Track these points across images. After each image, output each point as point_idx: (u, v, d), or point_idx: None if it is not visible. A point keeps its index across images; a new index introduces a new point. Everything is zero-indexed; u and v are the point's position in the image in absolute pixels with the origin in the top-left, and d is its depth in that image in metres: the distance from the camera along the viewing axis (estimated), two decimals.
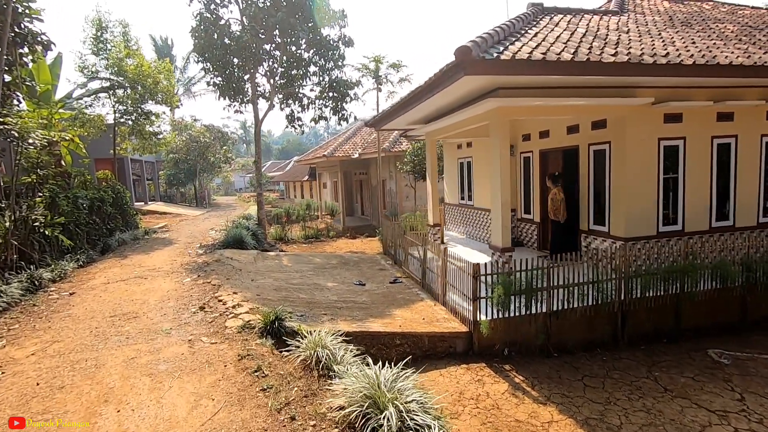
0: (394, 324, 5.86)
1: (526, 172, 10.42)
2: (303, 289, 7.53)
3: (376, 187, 23.20)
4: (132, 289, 7.27)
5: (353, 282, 8.36)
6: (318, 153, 24.62)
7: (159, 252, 11.05)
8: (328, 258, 10.92)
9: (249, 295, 6.49)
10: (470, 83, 6.11)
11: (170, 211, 24.17)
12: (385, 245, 11.66)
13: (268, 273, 8.68)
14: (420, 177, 18.02)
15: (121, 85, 15.74)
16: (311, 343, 4.06)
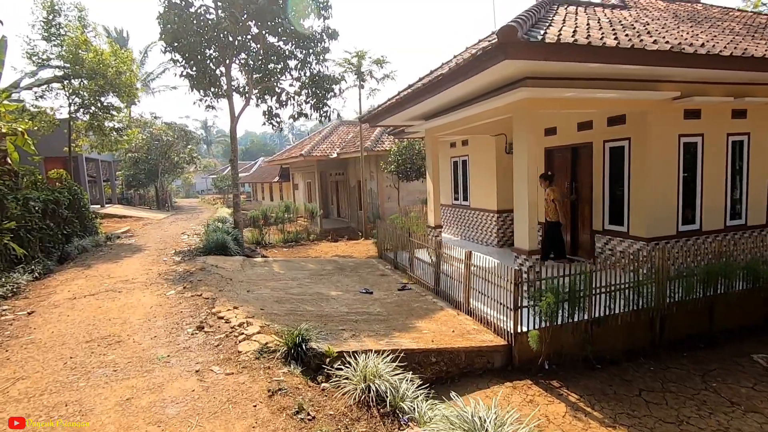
0: (425, 338, 5.20)
1: None
2: (307, 300, 6.72)
3: (354, 188, 22.45)
4: (106, 305, 6.19)
5: (359, 290, 7.62)
6: (293, 153, 23.55)
7: (129, 260, 9.82)
8: (321, 264, 10.09)
9: (252, 310, 5.63)
10: (502, 70, 5.56)
11: (131, 215, 22.32)
12: (381, 248, 10.97)
13: (262, 282, 7.78)
14: (404, 177, 17.48)
15: (78, 75, 14.17)
16: (362, 373, 3.33)
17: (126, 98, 15.02)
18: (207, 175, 68.45)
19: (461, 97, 7.52)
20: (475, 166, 11.41)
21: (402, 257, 9.35)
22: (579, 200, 8.73)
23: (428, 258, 7.78)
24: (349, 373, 3.43)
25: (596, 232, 8.16)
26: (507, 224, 10.55)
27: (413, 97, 7.61)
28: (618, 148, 7.56)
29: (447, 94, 7.17)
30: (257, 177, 41.88)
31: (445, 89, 6.64)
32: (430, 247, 7.62)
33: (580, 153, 8.58)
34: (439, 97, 7.39)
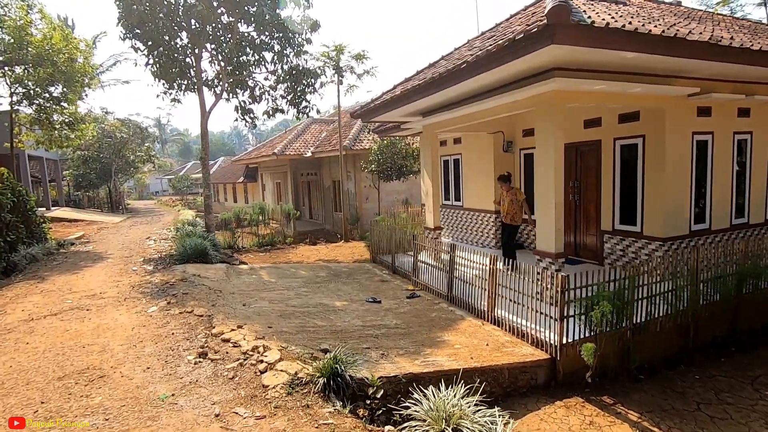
0: (461, 355, 4.65)
1: (529, 171, 9.76)
2: (313, 314, 5.98)
3: (329, 189, 21.62)
4: (75, 327, 5.18)
5: (364, 299, 6.95)
6: (263, 151, 22.36)
7: (91, 270, 8.61)
8: (313, 270, 9.31)
9: (258, 329, 4.85)
10: (534, 59, 5.09)
11: (82, 218, 20.31)
12: (374, 252, 10.32)
13: (256, 293, 6.94)
14: (385, 177, 16.90)
15: (22, 61, 12.52)
16: (440, 412, 2.71)
17: (80, 89, 13.47)
18: (162, 176, 64.84)
19: (473, 90, 7.03)
20: (469, 165, 11.02)
21: (401, 261, 8.76)
22: (581, 201, 8.51)
23: (438, 262, 7.25)
24: (421, 411, 2.80)
25: (605, 232, 7.94)
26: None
27: (423, 89, 7.04)
28: (630, 146, 7.36)
29: (460, 87, 6.64)
30: (219, 177, 39.87)
31: (464, 80, 6.10)
32: (441, 251, 7.08)
33: (585, 151, 8.35)
34: (451, 90, 6.86)
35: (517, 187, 7.98)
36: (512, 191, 7.95)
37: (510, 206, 7.91)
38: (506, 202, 7.94)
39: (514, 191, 7.96)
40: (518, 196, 7.93)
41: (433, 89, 6.92)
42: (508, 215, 7.95)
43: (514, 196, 7.91)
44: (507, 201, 7.93)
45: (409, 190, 20.12)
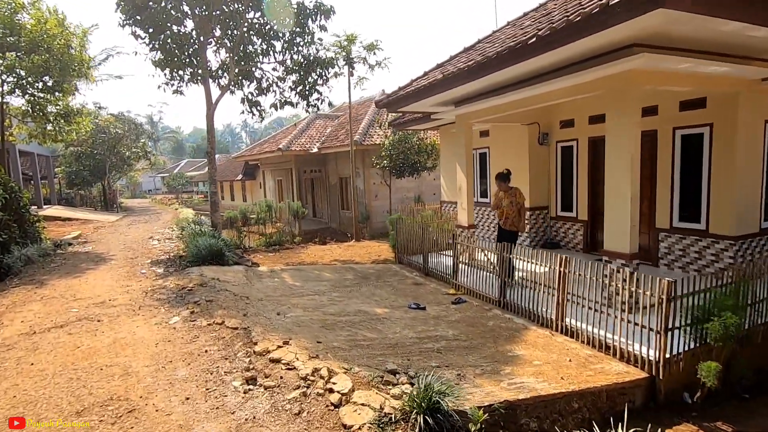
0: (547, 374, 3.97)
1: (566, 164, 9.13)
2: (357, 323, 5.27)
3: (335, 186, 20.88)
4: (87, 343, 4.42)
5: (407, 305, 6.25)
6: (266, 147, 21.54)
7: (94, 273, 7.80)
8: (337, 272, 8.59)
9: (307, 344, 4.13)
10: (621, 31, 4.42)
11: (76, 217, 19.36)
12: (400, 252, 9.60)
13: (285, 299, 6.20)
14: (398, 174, 16.19)
15: (14, 47, 11.61)
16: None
17: (76, 78, 12.58)
18: (155, 174, 63.60)
19: (522, 75, 6.34)
20: (498, 159, 10.35)
21: (435, 262, 8.06)
22: None
23: (486, 264, 6.56)
24: None
25: (661, 230, 7.31)
26: (539, 222, 9.58)
27: (470, 73, 6.32)
28: (694, 136, 6.72)
29: (512, 70, 5.97)
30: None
31: (526, 59, 5.41)
32: (491, 251, 6.39)
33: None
34: (501, 74, 6.18)
35: (517, 188, 6.94)
36: (512, 192, 6.88)
37: (509, 209, 6.85)
38: (505, 205, 6.88)
39: (513, 192, 6.88)
40: (518, 198, 6.86)
41: (483, 72, 6.22)
42: (507, 220, 6.86)
43: (513, 197, 6.84)
44: (506, 203, 6.86)
45: (418, 187, 19.46)
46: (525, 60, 5.37)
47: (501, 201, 6.95)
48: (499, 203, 6.98)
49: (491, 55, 5.68)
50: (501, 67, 5.93)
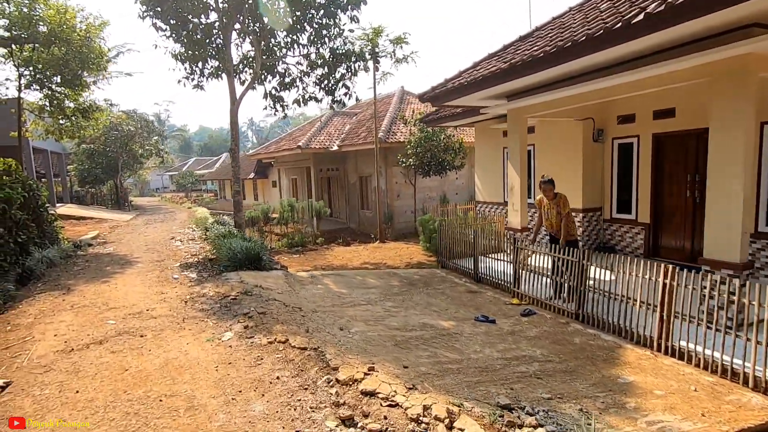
0: (682, 409, 3.36)
1: (624, 163, 8.50)
2: (428, 339, 4.68)
3: (354, 185, 20.29)
4: (135, 364, 3.85)
5: (474, 318, 5.66)
6: (283, 145, 20.99)
7: (122, 278, 7.26)
8: (381, 278, 8.00)
9: (395, 370, 3.54)
10: (746, 8, 3.81)
11: (90, 216, 18.90)
12: (443, 256, 8.99)
13: (339, 310, 5.63)
14: (424, 173, 15.57)
15: (32, 39, 11.09)
16: None
17: (96, 72, 12.07)
18: (163, 172, 63.39)
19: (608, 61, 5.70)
20: (545, 157, 9.72)
21: (489, 268, 7.44)
22: (703, 198, 7.23)
23: (555, 271, 5.95)
24: None
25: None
26: (593, 225, 8.95)
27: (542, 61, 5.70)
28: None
29: (593, 58, 5.35)
30: (225, 173, 38.39)
31: (616, 45, 4.80)
32: (569, 258, 5.75)
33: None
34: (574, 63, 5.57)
35: (563, 195, 6.32)
36: (556, 200, 6.24)
37: (557, 220, 6.27)
38: (552, 215, 6.29)
39: (559, 200, 6.24)
40: (563, 208, 6.20)
41: (558, 61, 5.60)
42: (560, 232, 6.23)
43: (558, 206, 6.23)
44: (553, 213, 6.28)
45: (440, 187, 18.86)
46: (621, 44, 4.75)
47: (547, 209, 6.30)
48: (544, 212, 6.34)
49: (579, 39, 5.05)
50: (582, 54, 5.31)
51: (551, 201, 6.25)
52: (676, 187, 7.61)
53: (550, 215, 6.32)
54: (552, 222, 6.31)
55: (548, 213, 6.34)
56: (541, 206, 6.35)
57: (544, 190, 6.30)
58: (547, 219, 6.36)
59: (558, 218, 6.17)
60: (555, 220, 6.26)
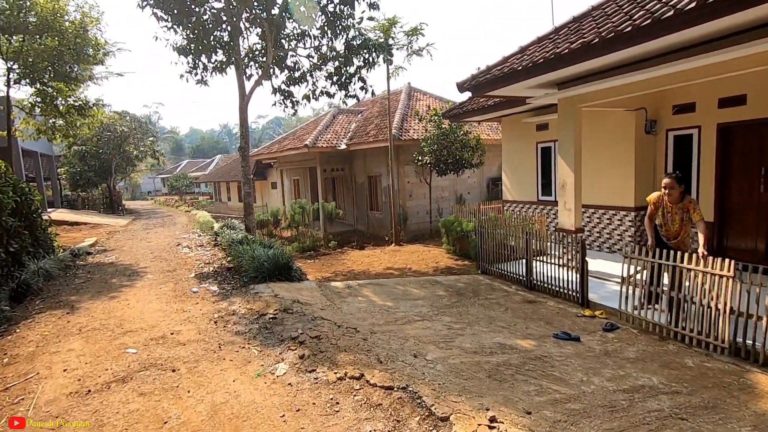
0: None
1: (680, 157, 7.81)
2: (518, 366, 3.90)
3: (363, 185, 19.48)
4: (174, 412, 3.01)
5: (552, 335, 4.89)
6: (288, 144, 20.10)
7: (132, 292, 6.38)
8: (423, 287, 7.20)
9: (516, 416, 2.76)
10: None
11: (83, 221, 17.85)
12: (484, 261, 8.22)
13: (396, 328, 4.83)
14: (441, 171, 14.80)
15: (21, 29, 10.13)
16: None
17: (92, 64, 11.13)
18: (155, 175, 62.04)
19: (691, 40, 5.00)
20: (590, 151, 9.00)
21: (542, 274, 6.68)
22: None
23: (640, 279, 5.20)
24: None
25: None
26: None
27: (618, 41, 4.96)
28: None
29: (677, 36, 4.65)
30: (220, 176, 37.35)
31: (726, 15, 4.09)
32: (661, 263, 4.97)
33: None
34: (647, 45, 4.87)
35: (692, 197, 5.21)
36: (685, 203, 5.06)
37: (681, 226, 5.13)
38: (675, 221, 5.13)
39: (687, 204, 5.05)
40: (693, 214, 4.99)
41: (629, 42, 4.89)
42: (674, 237, 5.17)
43: (684, 211, 5.07)
44: (676, 219, 5.12)
45: (453, 186, 18.16)
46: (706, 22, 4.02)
47: (669, 213, 5.15)
48: (665, 215, 5.19)
49: (663, 15, 4.29)
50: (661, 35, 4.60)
51: (675, 205, 5.07)
52: (747, 183, 6.93)
53: (671, 221, 5.17)
54: (670, 229, 5.20)
55: (668, 218, 5.18)
56: (659, 207, 5.28)
57: (667, 188, 5.06)
58: (666, 224, 5.22)
59: (681, 226, 5.11)
60: (677, 227, 5.16)
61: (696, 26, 4.33)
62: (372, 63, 11.90)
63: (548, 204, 10.11)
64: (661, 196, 5.21)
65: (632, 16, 5.12)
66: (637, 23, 4.79)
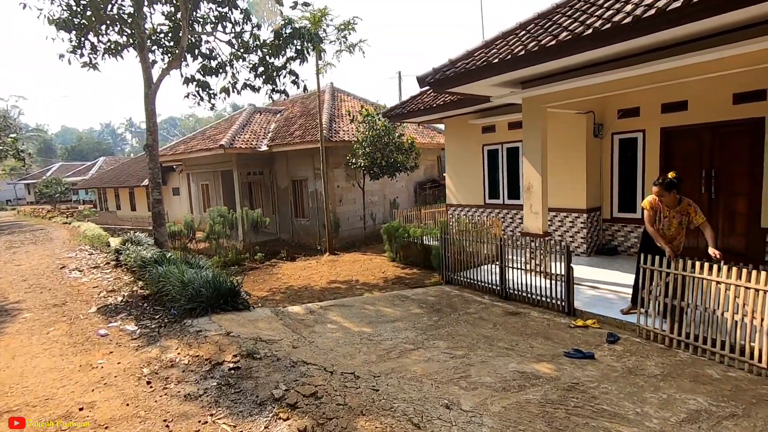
0: None
1: (628, 159, 8.06)
2: (559, 404, 3.27)
3: (285, 190, 17.97)
4: None
5: (564, 352, 4.39)
6: (197, 144, 17.73)
7: (6, 341, 4.52)
8: (394, 304, 6.32)
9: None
10: None
11: None
12: (449, 270, 7.61)
13: (399, 366, 3.90)
14: (374, 175, 14.07)
15: None
16: None
17: None
18: (16, 180, 52.11)
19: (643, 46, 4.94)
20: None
21: (523, 282, 6.26)
22: (720, 195, 7.03)
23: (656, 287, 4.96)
24: None
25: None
26: (594, 225, 8.39)
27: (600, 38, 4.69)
28: None
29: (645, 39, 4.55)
30: (107, 181, 32.30)
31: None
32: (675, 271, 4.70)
33: (729, 133, 6.84)
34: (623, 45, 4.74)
35: (690, 200, 4.93)
36: (683, 206, 4.85)
37: (677, 231, 4.94)
38: (673, 225, 4.91)
39: (685, 207, 4.84)
40: (696, 217, 4.80)
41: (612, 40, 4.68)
42: (667, 242, 4.90)
43: (684, 215, 4.85)
44: (674, 223, 4.90)
45: (382, 190, 17.63)
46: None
47: (667, 217, 4.90)
48: (661, 219, 4.93)
49: (644, 14, 4.07)
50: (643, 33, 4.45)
51: (673, 208, 4.83)
52: (689, 184, 7.30)
53: (668, 225, 4.91)
54: (665, 233, 4.93)
55: (665, 222, 4.91)
56: (657, 211, 4.98)
57: (658, 196, 4.84)
58: (663, 229, 4.92)
59: (677, 230, 4.89)
60: (673, 232, 4.92)
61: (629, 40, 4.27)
62: (305, 55, 10.76)
63: (496, 207, 9.95)
64: (656, 200, 5.02)
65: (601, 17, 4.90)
66: (601, 26, 4.54)
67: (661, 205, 4.94)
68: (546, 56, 5.50)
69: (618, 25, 4.65)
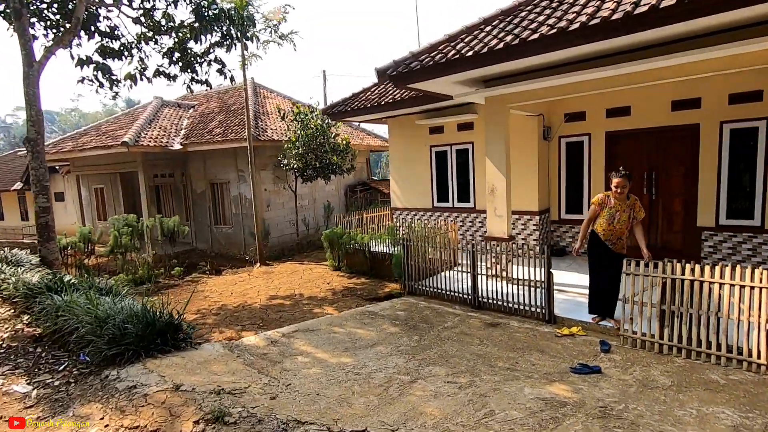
0: None
1: (574, 162, 8.25)
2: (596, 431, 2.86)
3: (202, 195, 16.06)
4: None
5: (570, 368, 4.05)
6: (92, 142, 14.98)
7: None
8: (364, 324, 5.52)
9: None
10: None
11: None
12: (411, 279, 7.02)
13: (407, 408, 3.19)
14: (307, 177, 13.08)
15: None
16: None
17: None
18: None
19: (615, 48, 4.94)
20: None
21: (497, 291, 5.93)
22: (659, 195, 7.44)
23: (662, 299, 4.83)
24: None
25: (704, 229, 6.98)
26: (544, 227, 8.46)
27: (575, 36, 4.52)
28: (746, 130, 6.52)
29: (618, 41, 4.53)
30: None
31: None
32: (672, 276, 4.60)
33: (670, 138, 7.26)
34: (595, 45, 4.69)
35: (636, 197, 5.09)
36: (632, 201, 4.99)
37: (627, 225, 4.97)
38: (623, 218, 4.93)
39: (633, 201, 5.00)
40: (639, 212, 4.99)
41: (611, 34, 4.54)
42: (620, 241, 5.00)
43: (631, 210, 4.96)
44: (624, 217, 4.93)
45: (312, 194, 16.62)
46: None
47: (616, 212, 4.92)
48: (611, 214, 4.93)
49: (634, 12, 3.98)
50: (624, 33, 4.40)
51: (624, 203, 4.92)
52: (634, 186, 7.63)
53: (619, 219, 4.92)
54: (615, 229, 4.94)
55: (616, 217, 4.93)
56: (604, 208, 5.05)
57: (619, 188, 4.85)
58: (612, 224, 4.94)
59: (628, 224, 4.96)
60: (622, 226, 4.94)
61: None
62: (233, 41, 9.52)
63: (446, 210, 9.66)
64: (606, 197, 5.05)
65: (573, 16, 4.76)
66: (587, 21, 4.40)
67: (612, 201, 4.98)
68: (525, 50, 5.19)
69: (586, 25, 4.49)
